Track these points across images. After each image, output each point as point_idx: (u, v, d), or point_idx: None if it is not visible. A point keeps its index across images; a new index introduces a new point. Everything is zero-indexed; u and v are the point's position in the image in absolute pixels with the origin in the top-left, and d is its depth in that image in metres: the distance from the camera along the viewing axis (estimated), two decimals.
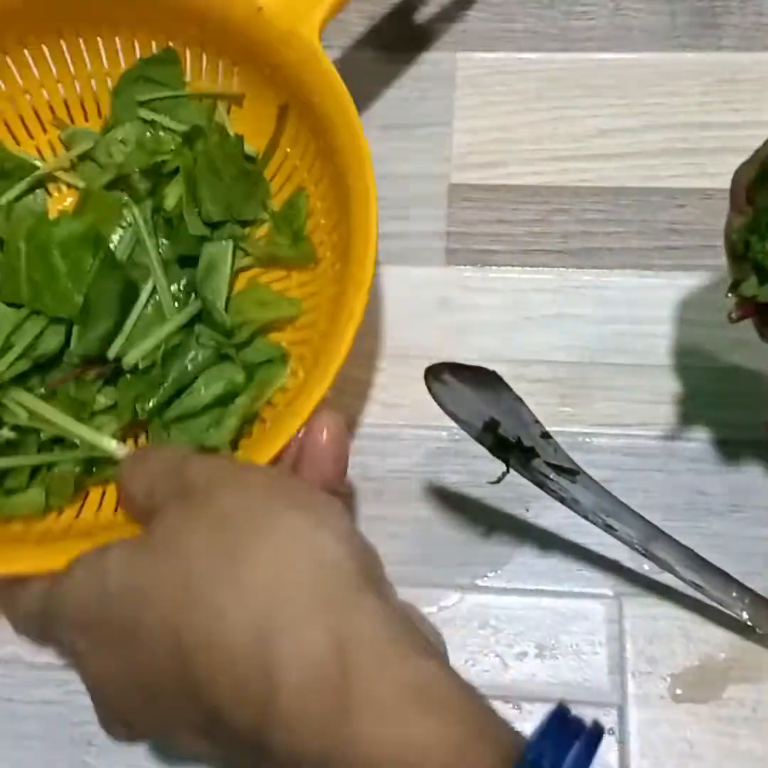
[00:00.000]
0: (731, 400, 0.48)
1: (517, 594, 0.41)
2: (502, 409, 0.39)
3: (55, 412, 0.45)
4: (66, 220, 0.48)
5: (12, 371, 0.45)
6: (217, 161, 0.49)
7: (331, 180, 0.46)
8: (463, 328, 0.51)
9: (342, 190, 0.44)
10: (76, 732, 0.45)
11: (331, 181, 0.46)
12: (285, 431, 0.38)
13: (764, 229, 0.34)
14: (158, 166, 0.50)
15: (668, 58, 0.57)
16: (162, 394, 0.46)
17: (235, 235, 0.50)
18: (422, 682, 0.28)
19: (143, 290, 0.47)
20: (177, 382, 0.46)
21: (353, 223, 0.42)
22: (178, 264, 0.49)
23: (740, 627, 0.43)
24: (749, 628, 0.42)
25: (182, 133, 0.51)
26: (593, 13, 0.59)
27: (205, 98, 0.52)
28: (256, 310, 0.48)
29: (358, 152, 0.43)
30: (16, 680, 0.46)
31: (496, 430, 0.39)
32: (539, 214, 0.54)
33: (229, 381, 0.46)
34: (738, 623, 0.42)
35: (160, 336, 0.46)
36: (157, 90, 0.51)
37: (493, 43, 0.58)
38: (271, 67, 0.47)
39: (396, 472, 0.49)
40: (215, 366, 0.47)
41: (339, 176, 0.44)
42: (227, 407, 0.46)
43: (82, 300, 0.45)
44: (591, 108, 0.56)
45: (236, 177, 0.50)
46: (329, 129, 0.45)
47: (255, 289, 0.49)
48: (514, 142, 0.56)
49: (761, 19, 0.57)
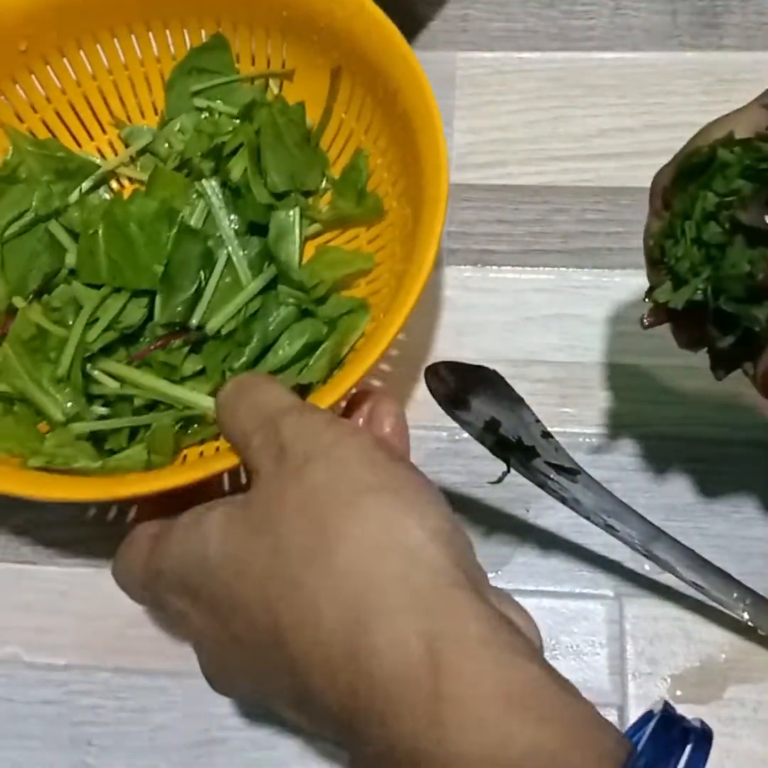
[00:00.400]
0: (732, 401, 0.48)
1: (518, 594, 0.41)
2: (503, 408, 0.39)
3: (149, 377, 0.47)
4: (140, 197, 0.49)
5: (99, 342, 0.47)
6: (281, 127, 0.50)
7: (391, 132, 0.47)
8: (463, 328, 0.51)
9: (405, 137, 0.45)
10: (76, 732, 0.45)
11: (391, 133, 0.47)
12: (355, 372, 0.39)
13: (679, 234, 0.34)
14: (218, 149, 0.51)
15: (668, 58, 0.57)
16: (249, 355, 0.47)
17: (299, 204, 0.50)
18: (518, 686, 0.27)
19: (219, 259, 0.49)
20: (261, 342, 0.47)
21: (424, 165, 0.43)
22: (248, 234, 0.50)
23: (741, 628, 0.43)
24: (750, 628, 0.42)
25: (239, 112, 0.52)
26: (593, 13, 0.59)
27: (256, 79, 0.53)
28: (330, 270, 0.49)
29: (421, 93, 0.44)
30: (16, 680, 0.46)
31: (497, 430, 0.39)
32: (539, 214, 0.54)
33: (312, 334, 0.47)
34: (739, 624, 0.42)
35: (239, 302, 0.48)
36: (210, 78, 0.53)
37: (493, 43, 0.58)
38: (320, 32, 0.48)
39: None
40: (297, 323, 0.48)
41: (401, 124, 0.45)
42: (313, 357, 0.47)
43: (162, 270, 0.47)
44: (591, 108, 0.56)
45: (300, 144, 0.51)
46: (386, 78, 0.45)
47: (326, 252, 0.51)
48: (514, 142, 0.56)
49: (762, 18, 0.57)
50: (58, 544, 0.49)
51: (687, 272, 0.33)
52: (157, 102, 0.54)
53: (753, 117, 0.34)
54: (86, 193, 0.52)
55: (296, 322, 0.48)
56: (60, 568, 0.48)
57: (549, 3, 0.59)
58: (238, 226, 0.50)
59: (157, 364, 0.47)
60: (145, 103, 0.54)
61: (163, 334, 0.48)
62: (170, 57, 0.53)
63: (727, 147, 0.33)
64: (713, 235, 0.32)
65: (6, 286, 0.49)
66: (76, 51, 0.52)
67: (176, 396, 0.46)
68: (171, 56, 0.53)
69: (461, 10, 0.59)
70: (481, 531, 0.47)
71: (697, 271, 0.33)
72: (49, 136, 0.53)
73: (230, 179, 0.50)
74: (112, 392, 0.47)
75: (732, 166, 0.32)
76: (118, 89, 0.53)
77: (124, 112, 0.54)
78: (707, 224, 0.33)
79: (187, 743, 0.44)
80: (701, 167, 0.34)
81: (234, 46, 0.52)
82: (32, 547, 0.49)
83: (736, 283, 0.32)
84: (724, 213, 0.32)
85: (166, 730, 0.45)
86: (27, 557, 0.49)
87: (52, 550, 0.49)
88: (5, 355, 0.47)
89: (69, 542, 0.49)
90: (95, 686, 0.46)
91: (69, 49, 0.51)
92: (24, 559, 0.48)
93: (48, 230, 0.50)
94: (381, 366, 0.51)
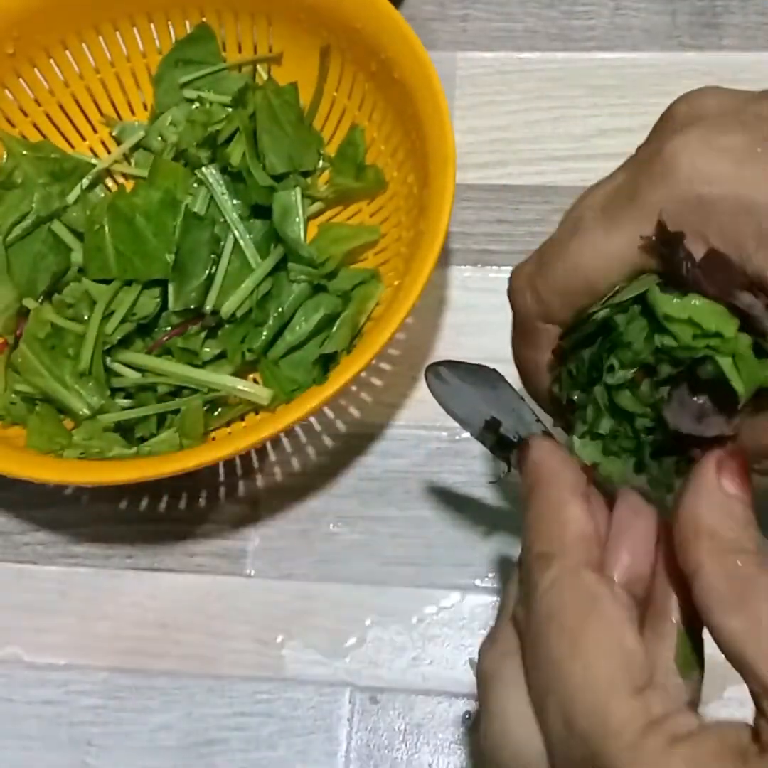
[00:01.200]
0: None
1: None
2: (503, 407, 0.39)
3: (171, 364, 0.47)
4: (143, 188, 0.50)
5: (118, 334, 0.47)
6: (276, 109, 0.51)
7: (387, 103, 0.48)
8: (463, 328, 0.51)
9: (404, 105, 0.45)
10: (76, 732, 0.45)
11: (387, 104, 0.48)
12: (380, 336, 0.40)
13: (589, 398, 0.30)
14: (213, 137, 0.51)
15: (668, 58, 0.57)
16: (267, 334, 0.48)
17: (299, 184, 0.51)
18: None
19: (226, 244, 0.49)
20: (278, 320, 0.48)
21: (427, 127, 0.44)
22: (251, 218, 0.50)
23: None
24: None
25: (231, 99, 0.52)
26: (593, 13, 0.59)
27: (244, 66, 0.53)
28: (336, 245, 0.50)
29: (415, 56, 0.44)
30: (16, 680, 0.46)
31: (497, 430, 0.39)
32: (539, 214, 0.54)
33: (327, 307, 0.48)
34: None
35: (250, 284, 0.48)
36: (197, 69, 0.53)
37: (493, 43, 0.58)
38: (308, 10, 0.48)
39: (396, 472, 0.49)
40: (311, 299, 0.48)
41: (398, 93, 0.46)
42: (331, 330, 0.48)
43: (173, 258, 0.47)
44: (591, 108, 0.56)
45: (295, 125, 0.51)
46: (379, 49, 0.46)
47: (329, 229, 0.51)
48: (514, 142, 0.56)
49: (762, 18, 0.57)
50: (59, 544, 0.49)
51: (610, 442, 0.31)
52: (146, 97, 0.54)
53: (634, 235, 0.27)
54: (85, 192, 0.52)
55: (309, 298, 0.48)
56: (60, 567, 0.48)
57: (549, 3, 0.59)
58: (241, 211, 0.50)
59: (177, 351, 0.48)
60: (135, 100, 0.54)
61: (178, 321, 0.49)
62: (156, 51, 0.53)
63: (623, 312, 0.28)
64: (628, 403, 0.29)
65: (15, 289, 0.49)
66: (62, 51, 0.52)
67: (201, 379, 0.47)
68: (157, 50, 0.53)
69: (461, 10, 0.59)
70: (481, 531, 0.47)
71: (622, 446, 0.30)
72: (41, 139, 0.53)
73: (230, 164, 0.50)
74: (133, 383, 0.47)
75: (634, 343, 0.28)
76: (106, 87, 0.54)
77: (114, 110, 0.54)
78: (619, 392, 0.29)
79: (187, 743, 0.44)
80: (595, 335, 0.29)
81: (219, 34, 0.52)
82: (32, 547, 0.49)
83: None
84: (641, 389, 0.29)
85: (166, 730, 0.45)
86: (27, 557, 0.49)
87: (52, 550, 0.49)
88: (23, 356, 0.47)
89: (69, 542, 0.49)
90: (95, 686, 0.46)
91: (55, 49, 0.52)
92: (24, 559, 0.49)
93: (51, 231, 0.51)
94: (381, 365, 0.51)
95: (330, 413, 0.50)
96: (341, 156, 0.51)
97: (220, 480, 0.49)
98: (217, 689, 0.45)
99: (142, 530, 0.49)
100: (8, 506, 0.50)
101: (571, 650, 0.26)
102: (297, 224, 0.49)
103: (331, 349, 0.47)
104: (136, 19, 0.52)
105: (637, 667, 0.26)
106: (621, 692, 0.25)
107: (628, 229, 0.27)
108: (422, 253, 0.41)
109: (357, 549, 0.47)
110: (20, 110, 0.52)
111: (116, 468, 0.42)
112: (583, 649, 0.26)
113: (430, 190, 0.43)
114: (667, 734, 0.25)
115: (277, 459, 0.49)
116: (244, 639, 0.46)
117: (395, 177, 0.49)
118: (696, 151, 0.26)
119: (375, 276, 0.49)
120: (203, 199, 0.50)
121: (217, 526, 0.48)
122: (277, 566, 0.47)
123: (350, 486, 0.49)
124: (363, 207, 0.52)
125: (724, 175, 0.26)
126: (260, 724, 0.44)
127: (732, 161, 0.26)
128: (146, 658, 0.46)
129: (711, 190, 0.26)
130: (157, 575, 0.48)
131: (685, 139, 0.27)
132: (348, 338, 0.47)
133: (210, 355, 0.49)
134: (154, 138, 0.53)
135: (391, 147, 0.49)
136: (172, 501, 0.49)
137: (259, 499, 0.49)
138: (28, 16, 0.50)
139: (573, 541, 0.28)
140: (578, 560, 0.28)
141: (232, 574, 0.47)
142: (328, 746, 0.44)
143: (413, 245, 0.44)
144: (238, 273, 0.49)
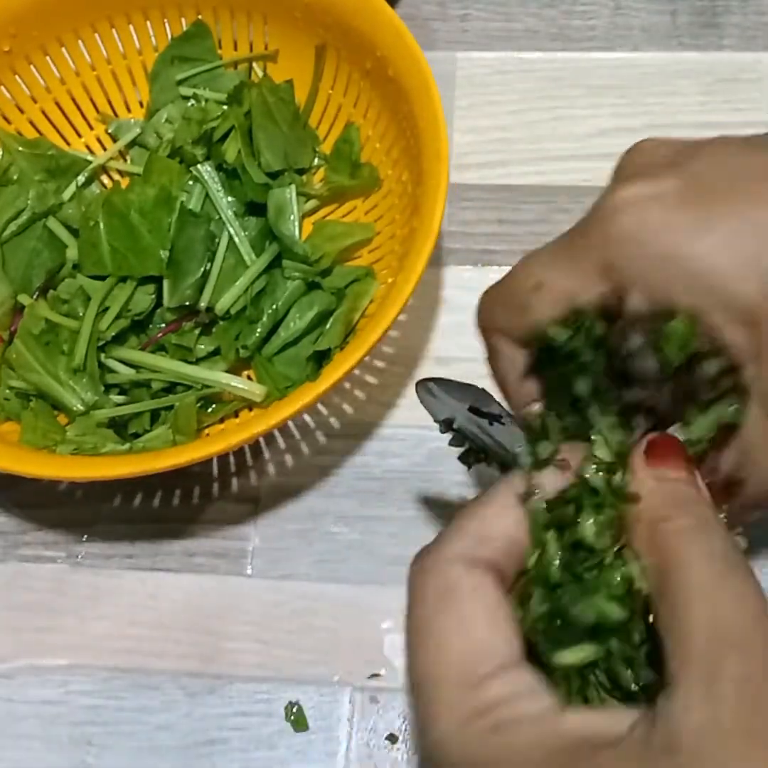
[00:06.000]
0: None
1: None
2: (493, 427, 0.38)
3: (165, 360, 0.47)
4: (138, 185, 0.50)
5: (113, 330, 0.47)
6: (271, 106, 0.51)
7: (382, 101, 0.48)
8: (463, 328, 0.51)
9: (398, 102, 0.46)
10: (76, 732, 0.45)
11: (382, 102, 0.48)
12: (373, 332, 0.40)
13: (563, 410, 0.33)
14: (208, 134, 0.51)
15: (668, 58, 0.57)
16: (261, 331, 0.48)
17: (294, 182, 0.51)
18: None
19: (221, 241, 0.49)
20: (272, 318, 0.48)
21: (421, 125, 0.44)
22: (246, 215, 0.50)
23: None
24: None
25: (226, 97, 0.52)
26: (593, 13, 0.59)
27: (240, 63, 0.53)
28: (331, 242, 0.50)
29: (410, 54, 0.45)
30: (16, 680, 0.46)
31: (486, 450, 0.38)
32: (539, 213, 0.54)
33: (321, 305, 0.48)
34: None
35: (245, 281, 0.48)
36: (193, 66, 0.53)
37: (493, 43, 0.58)
38: (304, 8, 0.49)
39: (396, 472, 0.49)
40: (305, 296, 0.49)
41: (392, 91, 0.46)
42: (325, 326, 0.48)
43: (167, 255, 0.47)
44: (591, 108, 0.56)
45: (290, 123, 0.51)
46: (374, 47, 0.46)
47: (324, 226, 0.51)
48: (514, 141, 0.56)
49: (762, 18, 0.57)
50: (59, 544, 0.49)
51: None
52: (142, 94, 0.54)
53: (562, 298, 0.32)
54: (80, 189, 0.53)
55: (304, 295, 0.49)
56: (60, 567, 0.48)
57: (549, 3, 0.59)
58: (236, 208, 0.50)
59: (172, 347, 0.48)
60: (130, 97, 0.55)
61: (173, 318, 0.49)
62: (152, 48, 0.53)
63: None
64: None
65: (10, 285, 0.49)
66: (58, 48, 0.52)
67: (195, 375, 0.47)
68: (153, 47, 0.53)
69: (461, 10, 0.59)
70: None
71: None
72: (37, 135, 0.53)
73: (226, 161, 0.50)
74: (127, 379, 0.47)
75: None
76: (102, 84, 0.54)
77: (110, 107, 0.54)
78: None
79: (187, 743, 0.44)
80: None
81: (215, 32, 0.53)
82: (34, 547, 0.49)
83: None
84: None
85: (166, 730, 0.45)
86: (29, 557, 0.49)
87: (52, 550, 0.49)
88: (18, 352, 0.48)
89: (69, 542, 0.49)
90: (95, 686, 0.46)
91: (52, 46, 0.52)
92: (25, 559, 0.49)
93: (46, 227, 0.51)
94: (379, 364, 0.51)
95: (324, 410, 0.50)
96: (336, 154, 0.52)
97: (220, 480, 0.49)
98: (217, 689, 0.45)
99: (143, 530, 0.49)
100: (8, 506, 0.50)
101: (420, 639, 0.28)
102: (292, 222, 0.49)
103: (325, 346, 0.47)
104: (132, 16, 0.52)
105: (481, 657, 0.27)
106: (449, 683, 0.27)
107: (564, 267, 0.32)
108: (415, 250, 0.42)
109: (357, 549, 0.47)
110: (16, 107, 0.52)
111: (109, 464, 0.42)
112: (429, 638, 0.28)
113: (424, 188, 0.43)
114: (491, 722, 0.26)
115: (275, 458, 0.49)
116: (244, 639, 0.46)
117: (390, 175, 0.49)
118: (629, 203, 0.30)
119: (369, 273, 0.49)
120: (198, 196, 0.50)
121: (217, 525, 0.48)
122: (277, 566, 0.47)
123: (350, 486, 0.49)
124: (358, 205, 0.52)
125: (652, 224, 0.29)
126: (260, 724, 0.45)
127: (661, 209, 0.30)
128: (146, 657, 0.46)
129: (641, 240, 0.29)
130: (157, 575, 0.48)
131: (621, 194, 0.30)
132: (342, 335, 0.47)
133: (204, 351, 0.49)
134: (150, 135, 0.53)
135: (385, 145, 0.49)
136: (172, 500, 0.49)
137: (259, 499, 0.49)
138: (24, 13, 0.50)
139: (457, 534, 0.30)
140: (455, 553, 0.29)
141: (231, 574, 0.47)
142: (328, 746, 0.44)
143: (407, 243, 0.44)
144: (232, 270, 0.49)
